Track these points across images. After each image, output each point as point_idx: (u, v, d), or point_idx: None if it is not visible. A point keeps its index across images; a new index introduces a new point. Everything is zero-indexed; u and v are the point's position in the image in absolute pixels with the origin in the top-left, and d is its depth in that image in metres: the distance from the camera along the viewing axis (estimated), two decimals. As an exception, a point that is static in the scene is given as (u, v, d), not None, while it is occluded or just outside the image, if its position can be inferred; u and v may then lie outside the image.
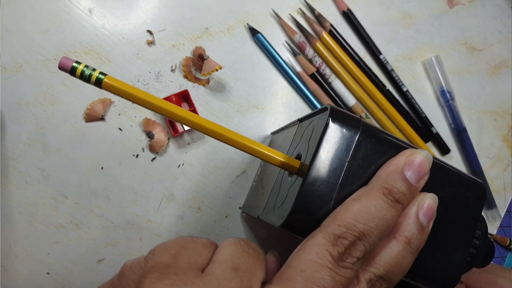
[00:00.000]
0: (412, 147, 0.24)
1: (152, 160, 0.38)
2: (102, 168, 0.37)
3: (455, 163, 0.46)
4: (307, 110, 0.42)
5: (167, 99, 0.38)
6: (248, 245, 0.22)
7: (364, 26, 0.45)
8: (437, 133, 0.46)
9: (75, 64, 0.22)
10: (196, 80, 0.39)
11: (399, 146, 0.24)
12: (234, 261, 0.21)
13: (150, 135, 0.37)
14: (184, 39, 0.40)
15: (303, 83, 0.42)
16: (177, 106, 0.23)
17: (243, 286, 0.19)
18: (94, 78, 0.22)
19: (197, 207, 0.38)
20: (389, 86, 0.45)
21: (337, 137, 0.23)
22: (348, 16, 0.45)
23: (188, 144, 0.39)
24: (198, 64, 0.39)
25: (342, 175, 0.22)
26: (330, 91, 0.43)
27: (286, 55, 0.42)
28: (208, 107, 0.40)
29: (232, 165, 0.39)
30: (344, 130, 0.23)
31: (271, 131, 0.40)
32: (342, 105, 0.43)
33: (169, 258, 0.21)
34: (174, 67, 0.39)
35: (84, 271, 0.35)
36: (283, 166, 0.24)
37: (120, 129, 0.37)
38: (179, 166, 0.38)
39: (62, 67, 0.22)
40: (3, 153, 0.35)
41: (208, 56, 0.39)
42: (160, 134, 0.37)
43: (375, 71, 0.45)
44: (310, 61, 0.43)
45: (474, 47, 0.49)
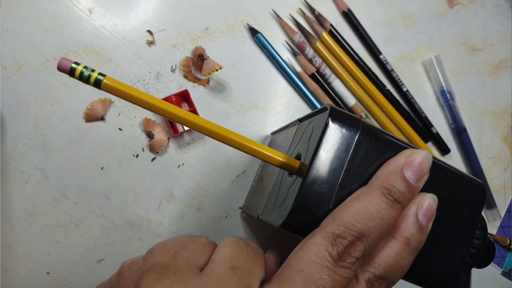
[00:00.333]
0: (412, 147, 0.24)
1: (152, 160, 0.38)
2: (102, 168, 0.37)
3: (455, 163, 0.46)
4: (307, 110, 0.42)
5: (167, 99, 0.38)
6: (247, 244, 0.22)
7: (364, 26, 0.45)
8: (437, 133, 0.46)
9: (74, 65, 0.22)
10: (196, 80, 0.39)
11: (399, 146, 0.24)
12: (233, 260, 0.21)
13: (150, 135, 0.37)
14: (184, 39, 0.40)
15: (303, 83, 0.42)
16: (176, 106, 0.23)
17: (242, 286, 0.19)
18: (93, 79, 0.22)
19: (197, 207, 0.38)
20: (389, 86, 0.45)
21: (336, 137, 0.23)
22: (348, 16, 0.45)
23: (188, 144, 0.39)
24: (198, 64, 0.39)
25: (342, 175, 0.22)
26: (330, 91, 0.43)
27: (286, 55, 0.42)
28: (208, 107, 0.40)
29: (232, 165, 0.39)
30: (344, 130, 0.23)
31: (271, 131, 0.40)
32: (342, 105, 0.43)
33: (167, 258, 0.21)
34: (174, 67, 0.39)
35: (84, 271, 0.36)
36: (282, 166, 0.24)
37: (120, 129, 0.37)
38: (179, 166, 0.38)
39: (61, 68, 0.22)
40: (3, 153, 0.35)
41: (208, 56, 0.39)
42: (160, 134, 0.37)
43: (375, 71, 0.45)
44: (310, 61, 0.43)
45: (474, 47, 0.49)
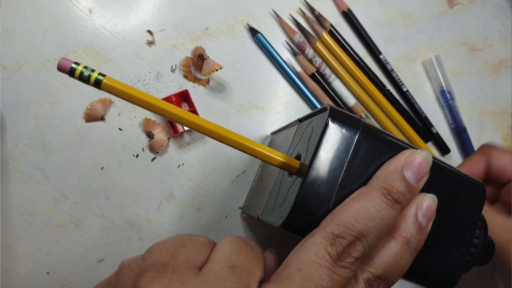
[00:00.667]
0: (412, 147, 0.24)
1: (152, 160, 0.38)
2: (102, 168, 0.37)
3: (455, 163, 0.46)
4: (307, 110, 0.42)
5: (167, 99, 0.38)
6: (246, 243, 0.22)
7: (364, 26, 0.45)
8: (437, 133, 0.46)
9: (74, 65, 0.22)
10: (196, 80, 0.39)
11: (399, 146, 0.24)
12: (231, 259, 0.21)
13: (150, 135, 0.37)
14: (184, 39, 0.40)
15: (303, 83, 0.42)
16: (176, 106, 0.23)
17: (241, 285, 0.19)
18: (93, 79, 0.22)
19: (197, 207, 0.38)
20: (389, 86, 0.45)
21: (336, 137, 0.23)
22: (348, 16, 0.45)
23: (188, 144, 0.39)
24: (198, 64, 0.39)
25: (342, 175, 0.22)
26: (330, 91, 0.43)
27: (286, 55, 0.42)
28: (208, 107, 0.40)
29: (232, 165, 0.39)
30: (344, 130, 0.23)
31: (271, 131, 0.40)
32: (342, 105, 0.43)
33: (166, 257, 0.20)
34: (174, 67, 0.39)
35: (84, 271, 0.36)
36: (282, 166, 0.24)
37: (120, 129, 0.37)
38: (179, 166, 0.38)
39: (61, 68, 0.22)
40: (3, 153, 0.35)
41: (208, 56, 0.39)
42: (160, 134, 0.37)
43: (375, 71, 0.45)
44: (310, 61, 0.43)
45: (474, 47, 0.49)
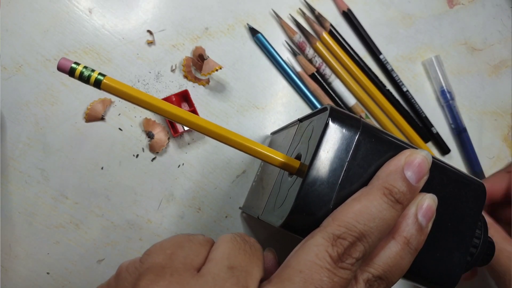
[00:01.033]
0: (412, 147, 0.24)
1: (152, 160, 0.38)
2: (102, 168, 0.37)
3: (455, 163, 0.46)
4: (307, 110, 0.42)
5: (167, 99, 0.38)
6: (245, 241, 0.22)
7: (364, 26, 0.45)
8: (437, 133, 0.46)
9: (74, 65, 0.22)
10: (196, 80, 0.39)
11: (399, 146, 0.24)
12: (230, 260, 0.20)
13: (150, 135, 0.37)
14: (184, 39, 0.40)
15: (303, 83, 0.42)
16: (176, 106, 0.23)
17: (240, 286, 0.19)
18: (93, 79, 0.22)
19: (197, 207, 0.38)
20: (389, 86, 0.45)
21: (337, 137, 0.23)
22: (348, 16, 0.45)
23: (188, 144, 0.39)
24: (198, 64, 0.39)
25: (342, 175, 0.22)
26: (330, 91, 0.43)
27: (286, 55, 0.42)
28: (208, 107, 0.40)
29: (232, 165, 0.39)
30: (344, 130, 0.23)
31: (271, 131, 0.40)
32: (342, 105, 0.43)
33: (164, 259, 0.20)
34: (174, 67, 0.39)
35: (84, 271, 0.35)
36: (283, 166, 0.24)
37: (120, 129, 0.37)
38: (179, 166, 0.38)
39: (61, 68, 0.22)
40: (3, 153, 0.35)
41: (208, 56, 0.39)
42: (160, 134, 0.37)
43: (375, 71, 0.45)
44: (310, 61, 0.43)
45: (474, 47, 0.49)
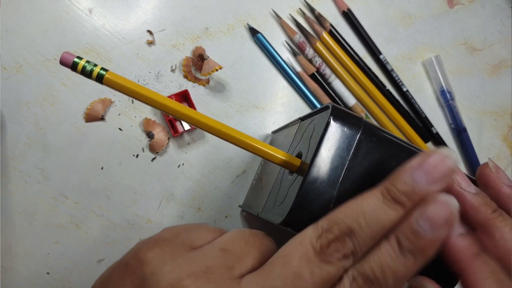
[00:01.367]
0: (412, 146, 0.24)
1: (152, 160, 0.37)
2: (102, 168, 0.36)
3: (455, 163, 0.46)
4: (307, 110, 0.42)
5: (167, 99, 0.38)
6: (253, 235, 0.22)
7: (364, 26, 0.45)
8: (437, 133, 0.46)
9: (76, 59, 0.22)
10: (196, 80, 0.39)
11: (400, 146, 0.24)
12: (226, 244, 0.21)
13: (150, 135, 0.37)
14: (184, 39, 0.40)
15: (303, 83, 0.42)
16: (177, 102, 0.23)
17: (224, 265, 0.20)
18: (95, 74, 0.22)
19: (197, 207, 0.38)
20: (389, 86, 0.45)
21: (338, 135, 0.23)
22: (348, 16, 0.45)
23: (188, 144, 0.38)
24: (198, 64, 0.39)
25: (343, 174, 0.22)
26: (330, 91, 0.43)
27: (286, 55, 0.42)
28: (208, 107, 0.40)
29: (232, 165, 0.39)
30: (346, 128, 0.23)
31: (271, 131, 0.40)
32: (342, 105, 0.43)
33: (170, 236, 0.22)
34: (174, 67, 0.39)
35: (84, 271, 0.35)
36: (284, 164, 0.24)
37: (120, 129, 0.37)
38: (179, 166, 0.38)
39: (64, 62, 0.22)
40: (3, 153, 0.35)
41: (208, 56, 0.39)
42: (160, 134, 0.37)
43: (375, 71, 0.45)
44: (310, 61, 0.43)
45: (474, 47, 0.49)
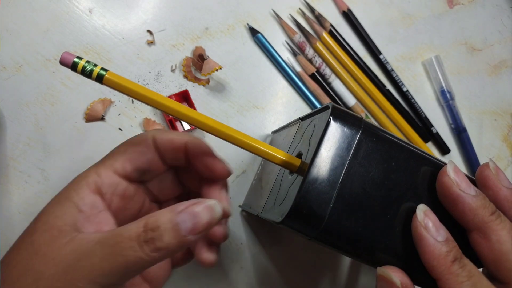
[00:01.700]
0: (412, 146, 0.24)
1: (152, 160, 0.37)
2: (102, 168, 0.36)
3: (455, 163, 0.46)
4: (307, 110, 0.42)
5: (167, 99, 0.38)
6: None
7: (364, 26, 0.45)
8: (437, 133, 0.46)
9: (76, 59, 0.22)
10: (196, 80, 0.39)
11: (400, 146, 0.24)
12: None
13: (150, 135, 0.37)
14: (184, 39, 0.40)
15: (303, 83, 0.42)
16: (178, 103, 0.23)
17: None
18: (95, 74, 0.22)
19: (197, 207, 0.38)
20: (389, 86, 0.45)
21: (338, 135, 0.22)
22: (348, 16, 0.45)
23: (188, 144, 0.38)
24: (198, 64, 0.39)
25: (343, 174, 0.22)
26: (330, 91, 0.43)
27: (286, 55, 0.42)
28: (208, 107, 0.39)
29: (232, 165, 0.39)
30: (346, 128, 0.23)
31: (271, 131, 0.40)
32: (342, 105, 0.43)
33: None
34: (174, 67, 0.39)
35: (84, 271, 0.35)
36: (284, 164, 0.24)
37: (120, 129, 0.37)
38: (179, 166, 0.38)
39: (64, 62, 0.22)
40: (3, 153, 0.35)
41: (208, 56, 0.39)
42: (160, 134, 0.37)
43: (375, 71, 0.45)
44: (310, 61, 0.43)
45: (474, 47, 0.49)
